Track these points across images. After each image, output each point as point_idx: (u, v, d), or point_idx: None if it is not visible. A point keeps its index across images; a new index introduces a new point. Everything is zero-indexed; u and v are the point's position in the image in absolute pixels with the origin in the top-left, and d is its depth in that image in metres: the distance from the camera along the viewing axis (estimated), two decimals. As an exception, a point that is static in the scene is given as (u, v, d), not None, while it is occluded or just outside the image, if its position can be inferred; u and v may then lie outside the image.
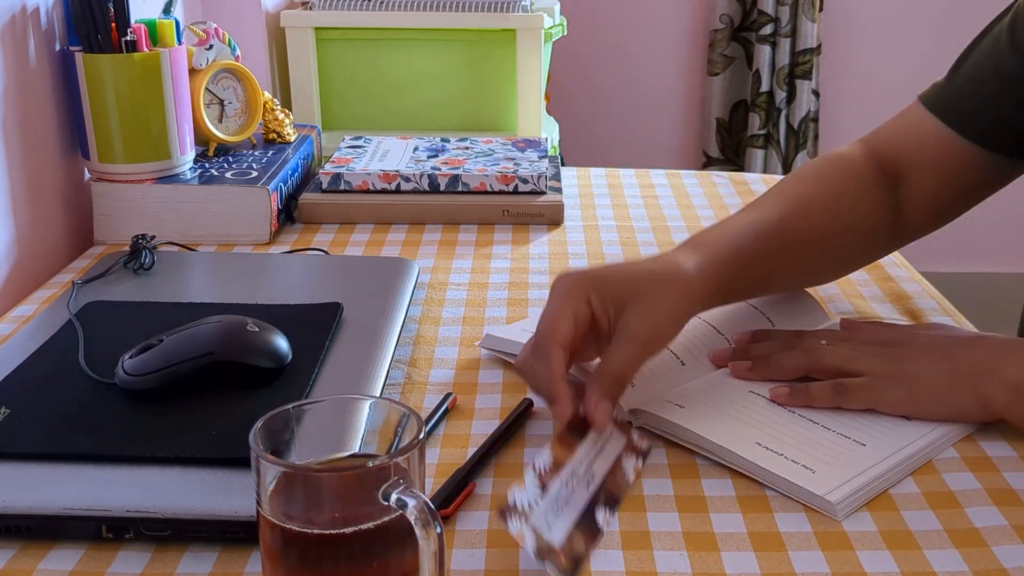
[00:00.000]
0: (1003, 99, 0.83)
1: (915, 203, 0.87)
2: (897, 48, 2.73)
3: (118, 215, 1.07)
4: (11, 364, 0.74)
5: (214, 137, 1.17)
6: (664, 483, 0.65)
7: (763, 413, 0.70)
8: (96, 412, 0.68)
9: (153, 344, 0.71)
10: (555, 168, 1.24)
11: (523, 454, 0.68)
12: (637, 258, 0.72)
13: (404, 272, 0.93)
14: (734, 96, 2.74)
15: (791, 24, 2.63)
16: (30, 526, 0.58)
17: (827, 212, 0.83)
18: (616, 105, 2.80)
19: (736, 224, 0.80)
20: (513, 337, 0.81)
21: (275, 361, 0.73)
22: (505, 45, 1.61)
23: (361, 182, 1.14)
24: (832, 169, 0.87)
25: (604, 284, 0.69)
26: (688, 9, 2.74)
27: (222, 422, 0.66)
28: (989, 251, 2.89)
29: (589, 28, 2.72)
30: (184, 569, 0.57)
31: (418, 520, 0.47)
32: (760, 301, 0.85)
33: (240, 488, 0.60)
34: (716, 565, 0.57)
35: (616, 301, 0.68)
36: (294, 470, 0.50)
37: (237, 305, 0.84)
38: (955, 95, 0.86)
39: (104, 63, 1.02)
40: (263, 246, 1.06)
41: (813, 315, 0.86)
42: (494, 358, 0.82)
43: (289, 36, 1.61)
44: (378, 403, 0.56)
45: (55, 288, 0.95)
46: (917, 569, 0.57)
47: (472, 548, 0.59)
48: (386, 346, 0.79)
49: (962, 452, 0.68)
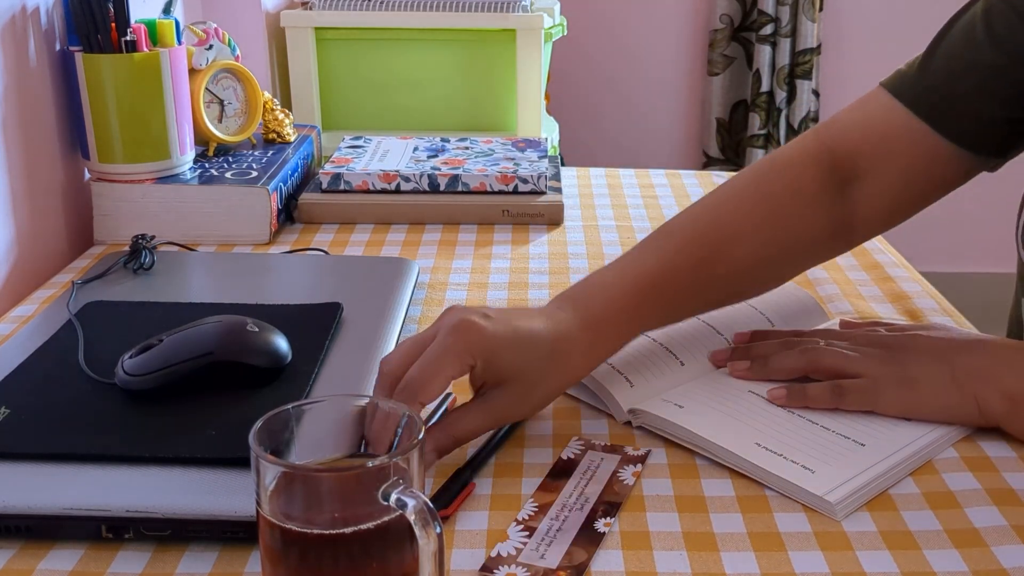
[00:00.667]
0: (982, 94, 0.79)
1: (870, 203, 0.82)
2: (897, 48, 2.72)
3: (118, 215, 1.07)
4: (11, 364, 0.74)
5: (214, 137, 1.17)
6: (664, 483, 0.65)
7: (762, 412, 0.70)
8: (96, 412, 0.68)
9: (153, 344, 0.71)
10: (555, 168, 1.24)
11: (523, 454, 0.68)
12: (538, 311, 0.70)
13: (404, 272, 0.93)
14: (734, 96, 2.74)
15: (791, 24, 2.63)
16: (30, 526, 0.58)
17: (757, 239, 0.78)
18: (616, 105, 2.80)
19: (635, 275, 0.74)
20: None
21: (275, 361, 0.73)
22: (505, 45, 1.61)
23: (361, 182, 1.14)
24: (768, 185, 0.81)
25: (493, 358, 0.65)
26: (688, 9, 2.74)
27: (222, 422, 0.66)
28: (989, 251, 2.89)
29: (589, 28, 2.72)
30: (184, 569, 0.57)
31: (418, 520, 0.47)
32: (760, 301, 0.85)
33: (240, 488, 0.60)
34: (716, 565, 0.57)
35: (498, 376, 0.66)
36: (294, 470, 0.50)
37: (237, 305, 0.84)
38: (928, 87, 0.80)
39: (104, 63, 1.02)
40: (263, 246, 1.06)
41: (813, 315, 0.86)
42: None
43: (289, 36, 1.61)
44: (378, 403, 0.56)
45: (55, 288, 0.95)
46: (917, 569, 0.57)
47: (472, 548, 0.59)
48: (386, 346, 0.79)
49: (962, 452, 0.68)
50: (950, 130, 0.80)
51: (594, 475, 0.65)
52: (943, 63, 0.80)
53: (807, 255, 0.83)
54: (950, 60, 0.80)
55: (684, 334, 0.80)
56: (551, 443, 0.70)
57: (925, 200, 0.83)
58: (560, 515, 0.61)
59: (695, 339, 0.79)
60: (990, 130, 0.80)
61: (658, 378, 0.75)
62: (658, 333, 0.79)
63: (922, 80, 0.81)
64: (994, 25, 0.78)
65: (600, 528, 0.60)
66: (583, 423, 0.72)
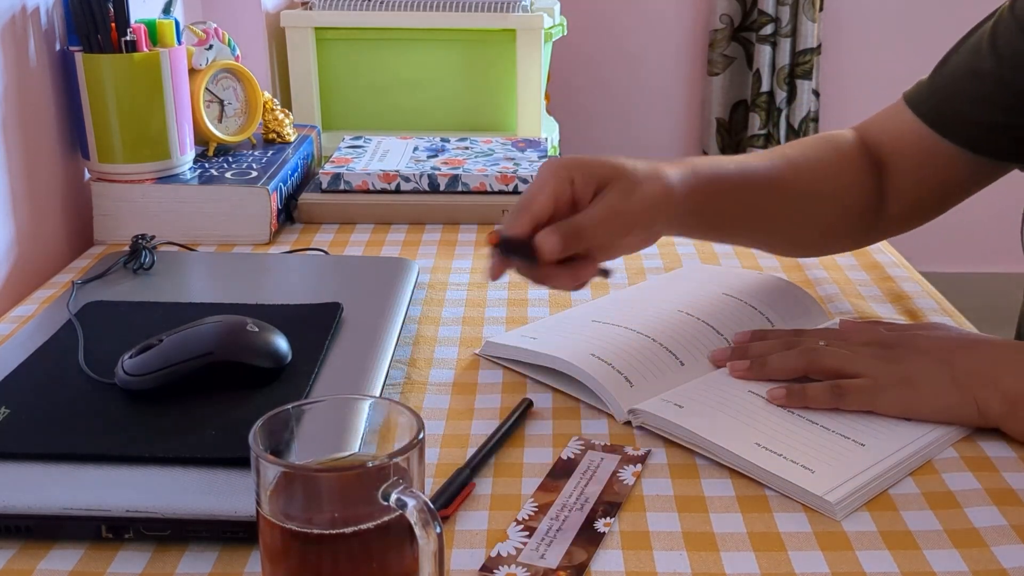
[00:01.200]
0: (981, 100, 0.84)
1: (894, 196, 0.89)
2: (897, 48, 2.73)
3: (118, 215, 1.07)
4: (11, 364, 0.74)
5: (214, 137, 1.17)
6: (664, 483, 0.65)
7: (762, 412, 0.70)
8: (96, 412, 0.68)
9: (153, 344, 0.71)
10: (555, 168, 1.24)
11: (523, 454, 0.68)
12: None
13: (404, 272, 0.93)
14: (734, 96, 2.74)
15: (791, 24, 2.63)
16: (30, 526, 0.58)
17: (813, 175, 0.86)
18: (616, 105, 2.80)
19: (725, 159, 0.83)
20: (513, 343, 0.80)
21: (275, 361, 0.73)
22: (505, 45, 1.61)
23: (361, 182, 1.14)
24: (823, 143, 0.90)
25: (588, 166, 0.72)
26: (688, 9, 2.74)
27: (222, 422, 0.66)
28: (989, 251, 2.89)
29: (589, 28, 2.72)
30: (184, 569, 0.57)
31: (418, 520, 0.47)
32: (759, 300, 0.85)
33: (240, 488, 0.60)
34: (716, 565, 0.57)
35: (598, 181, 0.72)
36: (294, 470, 0.50)
37: (237, 305, 0.84)
38: (935, 94, 0.87)
39: (104, 63, 1.02)
40: (263, 246, 1.06)
41: (813, 315, 0.86)
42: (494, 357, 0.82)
43: (289, 36, 1.61)
44: (378, 403, 0.56)
45: (55, 288, 0.95)
46: (917, 569, 0.57)
47: (472, 548, 0.59)
48: (386, 346, 0.79)
49: (962, 452, 0.68)
50: (952, 134, 0.85)
51: (594, 475, 0.65)
52: (950, 71, 0.86)
53: (851, 216, 0.89)
54: (956, 68, 0.86)
55: (684, 334, 0.80)
56: (551, 443, 0.70)
57: (944, 200, 0.90)
58: (560, 515, 0.61)
59: (695, 339, 0.79)
60: (992, 135, 0.84)
61: (658, 378, 0.75)
62: (658, 332, 0.79)
63: (930, 87, 0.87)
64: (998, 36, 0.83)
65: (600, 528, 0.60)
66: (583, 423, 0.72)
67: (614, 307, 0.87)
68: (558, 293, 0.94)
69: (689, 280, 0.92)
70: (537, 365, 0.78)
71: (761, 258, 1.03)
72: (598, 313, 0.85)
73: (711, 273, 0.95)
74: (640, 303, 0.87)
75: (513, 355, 0.80)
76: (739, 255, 1.05)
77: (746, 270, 0.99)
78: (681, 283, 0.91)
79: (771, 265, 1.02)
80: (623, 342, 0.78)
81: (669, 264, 1.02)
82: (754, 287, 0.88)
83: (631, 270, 1.00)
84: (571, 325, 0.83)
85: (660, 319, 0.82)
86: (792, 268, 1.01)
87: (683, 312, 0.83)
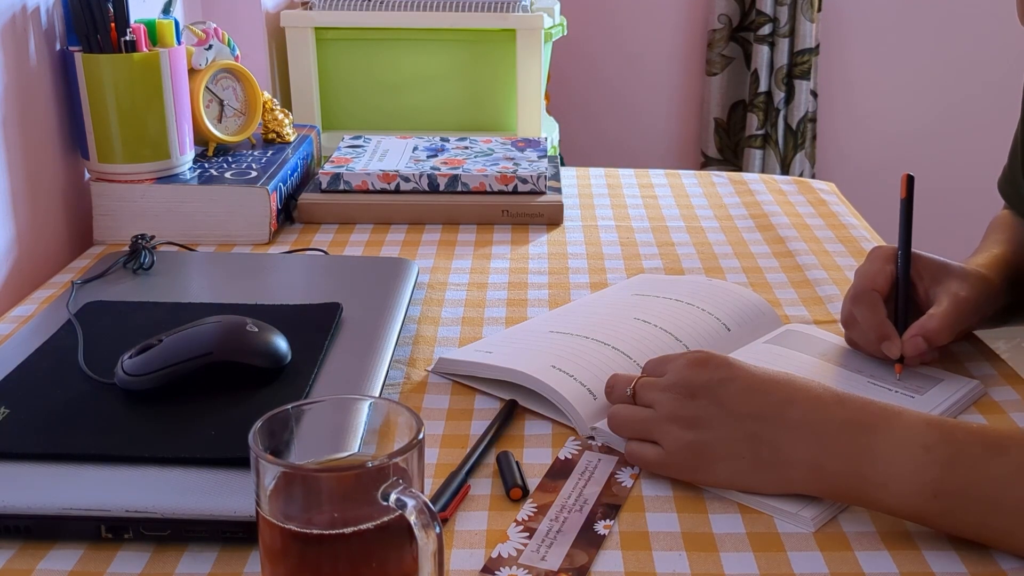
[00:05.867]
0: None
1: None
2: (896, 48, 2.72)
3: (118, 215, 1.07)
4: (11, 364, 0.74)
5: (213, 137, 1.17)
6: (664, 483, 0.65)
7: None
8: (96, 412, 0.68)
9: (152, 344, 0.71)
10: (555, 168, 1.24)
11: (522, 454, 0.68)
12: None
13: (403, 272, 0.93)
14: (732, 96, 2.74)
15: (789, 24, 2.63)
16: (30, 526, 0.59)
17: None
18: (615, 105, 2.80)
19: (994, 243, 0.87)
20: (468, 358, 0.78)
21: (274, 361, 0.73)
22: (505, 45, 1.61)
23: (360, 182, 1.14)
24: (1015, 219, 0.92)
25: (918, 257, 0.77)
26: (686, 9, 2.74)
27: (221, 422, 0.66)
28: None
29: (589, 28, 2.72)
30: (183, 569, 0.57)
31: (417, 520, 0.48)
32: (717, 308, 0.84)
33: (240, 488, 0.60)
34: (715, 566, 0.58)
35: (930, 272, 0.77)
36: (293, 470, 0.50)
37: (236, 305, 0.84)
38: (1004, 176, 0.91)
39: (103, 63, 1.02)
40: (263, 246, 1.06)
41: (768, 320, 0.86)
42: (493, 358, 0.82)
43: (289, 36, 1.61)
44: (377, 403, 0.56)
45: (55, 288, 0.95)
46: (916, 569, 0.57)
47: (471, 548, 0.59)
48: (385, 346, 0.79)
49: (961, 452, 0.68)
50: None
51: (592, 476, 0.65)
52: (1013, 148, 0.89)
53: None
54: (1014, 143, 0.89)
55: (643, 341, 0.78)
56: (549, 443, 0.70)
57: None
58: (559, 516, 0.61)
59: (655, 346, 0.78)
60: None
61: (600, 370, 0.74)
62: (618, 341, 0.78)
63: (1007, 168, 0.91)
64: None
65: (600, 530, 0.60)
66: (582, 423, 0.72)
67: (570, 317, 0.85)
68: (557, 295, 0.94)
69: (643, 287, 0.91)
70: (494, 380, 0.76)
71: (729, 271, 1.04)
72: (555, 323, 0.83)
73: (666, 281, 0.94)
74: (597, 312, 0.86)
75: (469, 370, 0.77)
76: (702, 259, 1.04)
77: (699, 276, 0.98)
78: (636, 291, 0.90)
79: (769, 266, 1.02)
80: (584, 352, 0.76)
81: (632, 272, 1.01)
82: (709, 294, 0.87)
83: (593, 278, 1.00)
84: (529, 337, 0.82)
85: (618, 327, 0.80)
86: (792, 268, 1.01)
87: (640, 320, 0.82)
